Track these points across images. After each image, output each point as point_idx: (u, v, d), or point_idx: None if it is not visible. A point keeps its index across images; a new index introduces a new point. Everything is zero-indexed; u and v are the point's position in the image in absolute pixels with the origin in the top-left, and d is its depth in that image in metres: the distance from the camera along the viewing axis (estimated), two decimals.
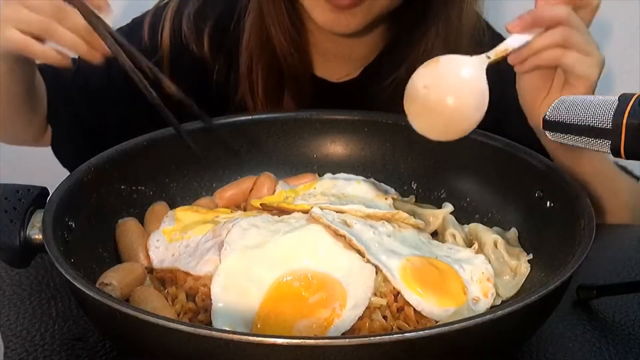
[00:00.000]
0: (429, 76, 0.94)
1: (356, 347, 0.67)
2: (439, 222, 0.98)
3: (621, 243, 1.08)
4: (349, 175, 1.05)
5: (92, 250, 0.89)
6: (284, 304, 0.80)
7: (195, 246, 0.89)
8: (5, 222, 0.84)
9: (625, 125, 0.79)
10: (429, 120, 0.94)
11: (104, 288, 0.83)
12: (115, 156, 0.96)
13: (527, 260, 0.91)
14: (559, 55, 0.94)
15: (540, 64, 0.96)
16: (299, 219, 0.89)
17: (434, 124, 0.93)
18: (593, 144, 0.83)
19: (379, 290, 0.83)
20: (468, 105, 0.92)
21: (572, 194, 0.89)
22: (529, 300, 0.72)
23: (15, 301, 0.93)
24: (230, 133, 1.05)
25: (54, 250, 0.78)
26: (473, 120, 0.92)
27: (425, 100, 0.93)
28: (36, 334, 0.87)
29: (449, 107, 0.93)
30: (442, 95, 0.93)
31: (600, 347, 0.87)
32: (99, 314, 0.77)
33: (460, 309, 0.82)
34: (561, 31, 0.93)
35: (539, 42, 0.94)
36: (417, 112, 0.94)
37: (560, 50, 0.93)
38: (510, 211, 0.98)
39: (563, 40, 0.93)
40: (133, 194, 0.98)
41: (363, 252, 0.84)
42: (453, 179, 1.03)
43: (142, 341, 0.73)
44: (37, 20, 0.93)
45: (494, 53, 0.93)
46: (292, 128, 1.08)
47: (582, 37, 0.93)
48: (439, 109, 0.93)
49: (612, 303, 0.94)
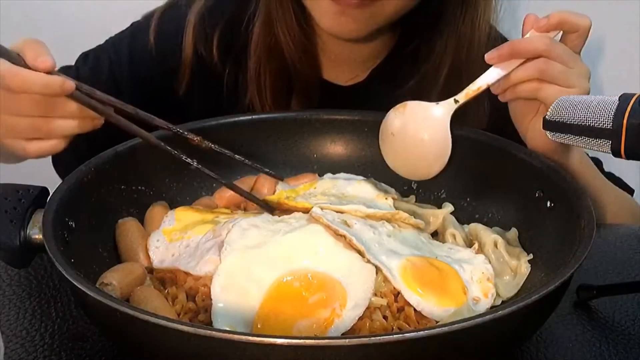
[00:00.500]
0: (396, 123, 1.00)
1: (356, 347, 0.67)
2: (439, 222, 0.98)
3: (621, 243, 1.08)
4: (349, 175, 1.05)
5: (92, 250, 0.89)
6: (284, 304, 0.80)
7: (195, 246, 0.89)
8: (5, 222, 0.84)
9: (625, 126, 0.79)
10: (397, 161, 1.02)
11: (104, 288, 0.83)
12: (115, 156, 0.96)
13: (528, 260, 0.91)
14: (536, 88, 0.94)
15: (519, 96, 0.96)
16: (299, 219, 0.89)
17: (402, 165, 1.01)
18: (593, 144, 0.83)
19: (379, 291, 0.83)
20: (429, 154, 0.99)
21: (572, 194, 0.89)
22: (529, 300, 0.72)
23: (15, 301, 0.93)
24: (230, 133, 1.05)
25: (54, 250, 0.78)
26: (433, 168, 1.00)
27: (393, 144, 1.00)
28: (36, 334, 0.87)
29: (412, 154, 1.00)
30: (405, 144, 1.00)
31: (600, 347, 0.87)
32: (99, 314, 0.77)
33: (461, 309, 0.82)
34: (538, 64, 0.93)
35: (516, 75, 0.94)
36: (387, 152, 1.02)
37: (537, 83, 0.93)
38: (510, 211, 0.98)
39: (540, 73, 0.93)
40: (133, 194, 0.98)
41: (363, 252, 0.84)
42: (453, 179, 1.03)
43: (142, 341, 0.73)
44: (28, 124, 0.87)
45: (464, 95, 0.97)
46: (292, 128, 1.08)
47: (562, 69, 0.93)
48: (404, 155, 1.00)
49: (612, 303, 0.94)
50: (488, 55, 0.95)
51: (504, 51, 0.94)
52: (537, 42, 0.93)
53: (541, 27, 0.96)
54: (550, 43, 0.93)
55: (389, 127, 1.00)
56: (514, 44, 0.94)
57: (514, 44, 0.94)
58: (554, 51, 0.93)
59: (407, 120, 0.99)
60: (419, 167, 1.00)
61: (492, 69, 0.95)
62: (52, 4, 1.57)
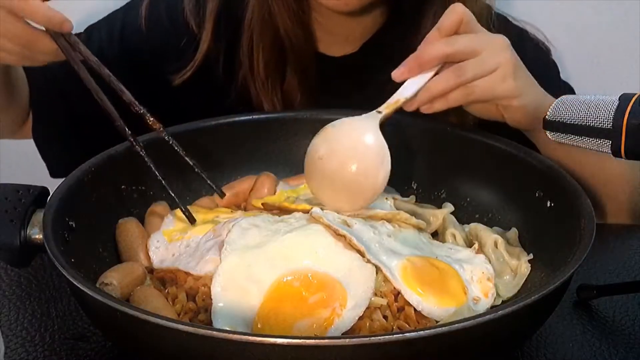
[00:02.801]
0: (323, 145, 0.92)
1: (356, 347, 0.67)
2: (439, 222, 0.98)
3: (621, 243, 1.08)
4: None
5: (92, 250, 0.89)
6: (284, 303, 0.80)
7: (195, 246, 0.89)
8: (5, 222, 0.84)
9: (625, 125, 0.79)
10: (333, 193, 0.91)
11: (104, 288, 0.83)
12: (115, 156, 0.96)
13: (528, 260, 0.91)
14: (466, 94, 0.92)
15: (452, 105, 0.94)
16: (300, 218, 0.89)
17: (339, 196, 0.91)
18: (593, 144, 0.83)
19: (379, 290, 0.83)
20: (368, 167, 0.90)
21: (572, 194, 0.89)
22: (529, 300, 0.72)
23: (15, 301, 0.93)
24: (230, 133, 1.05)
25: (54, 250, 0.78)
26: (379, 179, 0.90)
27: (323, 171, 0.91)
28: (36, 334, 0.87)
29: (349, 173, 0.90)
30: (338, 164, 0.90)
31: (600, 347, 0.87)
32: (99, 314, 0.77)
33: (461, 309, 0.82)
34: (453, 71, 0.91)
35: (437, 88, 0.92)
36: (319, 186, 0.92)
37: (464, 88, 0.92)
38: (510, 211, 0.98)
39: (458, 78, 0.91)
40: (133, 194, 0.98)
41: (363, 252, 0.84)
42: (453, 179, 1.03)
43: (142, 341, 0.73)
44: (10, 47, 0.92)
45: (385, 106, 0.92)
46: (292, 128, 1.08)
47: (474, 62, 0.91)
48: (339, 178, 0.90)
49: (612, 303, 0.94)
50: (396, 72, 0.92)
51: (411, 65, 0.92)
52: (438, 46, 0.91)
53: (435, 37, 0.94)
54: (449, 42, 0.91)
55: (315, 153, 0.92)
56: (419, 56, 0.92)
57: (418, 55, 0.92)
58: (457, 47, 0.91)
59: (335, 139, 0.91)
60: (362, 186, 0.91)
61: (408, 82, 0.92)
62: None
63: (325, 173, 0.91)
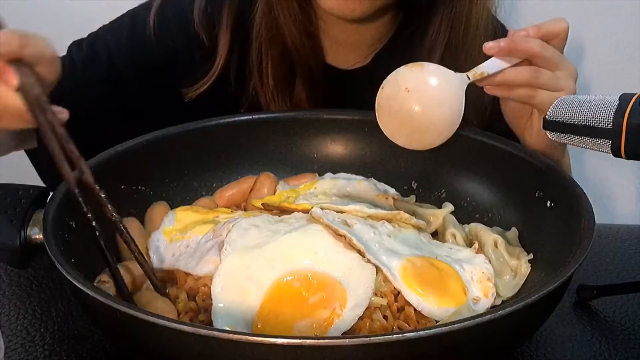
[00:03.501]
0: (413, 80, 0.95)
1: (356, 347, 0.67)
2: (439, 222, 0.98)
3: (621, 243, 1.08)
4: (349, 175, 1.05)
5: (92, 250, 0.89)
6: (284, 304, 0.80)
7: (195, 246, 0.89)
8: (5, 222, 0.84)
9: (625, 125, 0.80)
10: (397, 123, 0.96)
11: (101, 285, 0.82)
12: (115, 156, 0.96)
13: (528, 260, 0.91)
14: (529, 95, 0.95)
15: (512, 98, 0.98)
16: (299, 219, 0.89)
17: (403, 128, 0.96)
18: (593, 144, 0.83)
19: (379, 290, 0.83)
20: (444, 119, 0.95)
21: (572, 194, 0.89)
22: (529, 300, 0.72)
23: (15, 301, 0.93)
24: (230, 133, 1.05)
25: (54, 250, 0.78)
26: (442, 135, 0.96)
27: (404, 101, 0.95)
28: (36, 334, 0.87)
29: (426, 114, 0.95)
30: (422, 101, 0.95)
31: (600, 347, 0.87)
32: (99, 314, 0.77)
33: (461, 309, 0.82)
34: (531, 72, 0.94)
35: (510, 75, 0.95)
36: (387, 115, 0.96)
37: (530, 90, 0.95)
38: (510, 211, 0.98)
39: (532, 79, 0.94)
40: (133, 194, 0.98)
41: (363, 252, 0.84)
42: (453, 179, 1.03)
43: (142, 341, 0.73)
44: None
45: (472, 74, 0.95)
46: (292, 128, 1.08)
47: (551, 75, 0.94)
48: (414, 114, 0.95)
49: (612, 303, 0.94)
50: (487, 45, 0.95)
51: (503, 45, 0.94)
52: (533, 44, 0.94)
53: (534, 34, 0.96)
54: (542, 45, 0.94)
55: (404, 82, 0.95)
56: (514, 40, 0.95)
57: (514, 40, 0.95)
58: (545, 53, 0.94)
59: (427, 80, 0.95)
60: (426, 131, 0.96)
61: (493, 59, 0.95)
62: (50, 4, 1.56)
63: (405, 103, 0.95)
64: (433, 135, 0.96)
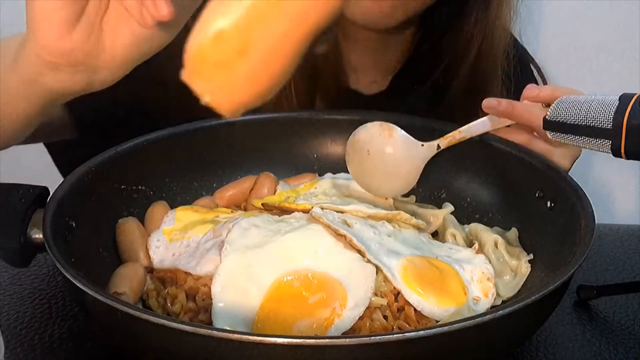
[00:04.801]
0: (376, 144, 0.97)
1: (356, 346, 0.67)
2: (439, 222, 0.98)
3: (621, 243, 1.08)
4: (349, 175, 1.05)
5: (92, 250, 0.89)
6: (284, 303, 0.80)
7: (195, 246, 0.89)
8: (5, 222, 0.84)
9: (625, 126, 0.79)
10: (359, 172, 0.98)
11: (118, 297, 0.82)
12: (115, 156, 0.96)
13: (528, 260, 0.91)
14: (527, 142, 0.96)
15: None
16: (300, 218, 0.89)
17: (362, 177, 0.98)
18: (593, 144, 0.83)
19: (380, 290, 0.83)
20: (394, 186, 0.99)
21: (572, 194, 0.89)
22: (529, 300, 0.72)
23: (15, 301, 0.93)
24: (230, 133, 1.05)
25: (55, 250, 0.78)
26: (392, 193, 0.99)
27: (362, 160, 0.98)
28: (36, 334, 0.87)
29: (378, 178, 0.98)
30: (377, 167, 0.98)
31: (600, 347, 0.87)
32: (99, 314, 0.77)
33: (461, 309, 0.82)
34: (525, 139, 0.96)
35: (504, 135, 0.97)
36: (351, 159, 0.98)
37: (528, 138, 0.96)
38: (510, 211, 0.98)
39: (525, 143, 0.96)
40: (133, 194, 0.98)
41: (363, 252, 0.84)
42: (453, 179, 1.03)
43: (143, 341, 0.73)
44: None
45: (446, 142, 0.97)
46: (292, 128, 1.08)
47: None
48: (371, 173, 0.98)
49: (612, 303, 0.94)
50: (487, 102, 0.95)
51: (502, 108, 0.94)
52: (536, 115, 0.92)
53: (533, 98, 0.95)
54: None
55: (366, 144, 0.97)
56: (515, 107, 0.94)
57: (515, 107, 0.94)
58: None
59: (390, 148, 0.97)
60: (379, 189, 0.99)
61: (480, 121, 0.96)
62: None
63: (363, 162, 0.98)
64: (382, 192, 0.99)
